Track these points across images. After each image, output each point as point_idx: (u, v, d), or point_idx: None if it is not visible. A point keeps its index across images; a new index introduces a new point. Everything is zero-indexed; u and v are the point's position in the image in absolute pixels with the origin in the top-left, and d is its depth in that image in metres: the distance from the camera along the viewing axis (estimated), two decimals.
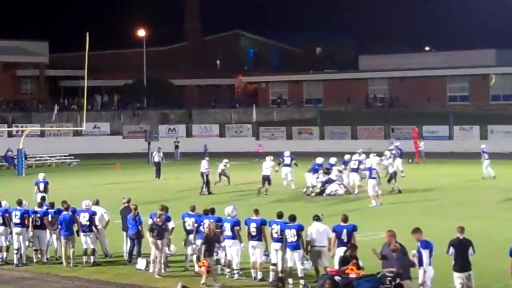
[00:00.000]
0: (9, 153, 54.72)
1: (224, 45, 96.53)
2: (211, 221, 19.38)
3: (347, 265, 16.50)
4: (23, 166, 50.00)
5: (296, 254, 18.46)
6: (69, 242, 21.31)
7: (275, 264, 18.86)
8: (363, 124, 65.94)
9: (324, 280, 14.85)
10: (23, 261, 21.66)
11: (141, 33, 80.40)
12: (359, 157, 37.27)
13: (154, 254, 19.86)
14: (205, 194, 36.48)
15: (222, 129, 69.76)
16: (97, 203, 22.71)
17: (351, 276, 16.13)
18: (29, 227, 21.73)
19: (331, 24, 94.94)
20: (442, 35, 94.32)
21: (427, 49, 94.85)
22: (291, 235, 18.48)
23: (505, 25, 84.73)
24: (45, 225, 21.84)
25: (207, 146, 56.68)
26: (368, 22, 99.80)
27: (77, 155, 58.95)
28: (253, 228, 19.12)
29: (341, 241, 18.02)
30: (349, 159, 37.27)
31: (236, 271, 19.41)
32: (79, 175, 48.30)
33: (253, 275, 19.22)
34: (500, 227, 26.07)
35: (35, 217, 21.81)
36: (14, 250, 21.70)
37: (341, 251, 17.63)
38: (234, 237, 19.33)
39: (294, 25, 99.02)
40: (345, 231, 18.09)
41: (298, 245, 18.47)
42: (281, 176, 37.72)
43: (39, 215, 21.86)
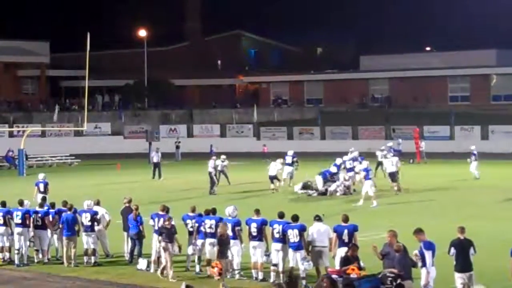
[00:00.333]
0: (10, 153, 54.72)
1: (225, 45, 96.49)
2: (224, 223, 19.23)
3: (348, 265, 16.52)
4: (24, 166, 50.04)
5: (298, 254, 18.45)
6: (71, 242, 21.32)
7: (276, 264, 18.86)
8: (364, 124, 65.95)
9: (322, 278, 14.81)
10: (24, 261, 21.68)
11: (142, 33, 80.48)
12: (351, 155, 37.39)
13: (163, 257, 19.65)
14: (215, 193, 36.39)
15: (223, 129, 69.78)
16: (98, 203, 22.73)
17: (352, 276, 16.14)
18: (30, 227, 21.76)
19: (332, 24, 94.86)
20: (443, 35, 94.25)
21: (428, 49, 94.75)
22: (293, 235, 18.48)
23: (506, 25, 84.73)
24: (46, 225, 21.86)
25: (213, 146, 56.44)
26: (369, 22, 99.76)
27: (78, 155, 58.98)
28: (254, 228, 19.13)
29: (342, 241, 18.02)
30: (343, 161, 37.23)
31: (237, 272, 19.42)
32: (80, 175, 48.30)
33: (254, 275, 19.23)
34: (501, 227, 26.06)
35: (36, 217, 21.83)
36: (15, 250, 21.71)
37: (342, 251, 17.65)
38: (235, 238, 19.32)
39: (295, 25, 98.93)
40: (346, 231, 18.09)
41: (300, 245, 18.46)
42: (283, 175, 37.97)
43: (40, 215, 21.88)
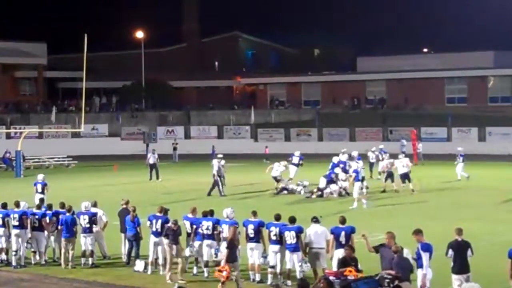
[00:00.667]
0: (7, 155, 54.65)
1: (222, 47, 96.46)
2: (234, 226, 19.05)
3: (345, 267, 16.51)
4: (21, 167, 50.00)
5: (295, 256, 18.45)
6: (69, 244, 21.30)
7: (273, 266, 18.85)
8: (361, 126, 65.95)
9: (319, 279, 14.81)
10: (21, 262, 21.65)
11: (140, 34, 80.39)
12: (342, 156, 37.46)
13: (169, 259, 19.52)
14: (226, 195, 36.25)
15: (220, 131, 69.73)
16: (95, 204, 22.71)
17: (349, 277, 16.13)
18: (28, 229, 21.74)
19: (329, 25, 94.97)
20: (440, 37, 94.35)
21: (425, 50, 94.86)
22: (290, 237, 18.48)
23: (503, 27, 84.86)
24: (43, 227, 21.83)
25: (215, 147, 56.06)
26: (366, 24, 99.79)
27: (75, 156, 58.92)
28: (251, 230, 19.13)
29: (339, 243, 18.01)
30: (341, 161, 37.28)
31: (234, 273, 19.36)
32: (77, 177, 48.26)
33: (251, 277, 19.22)
34: (498, 228, 26.08)
35: (33, 218, 21.80)
36: (12, 251, 21.70)
37: (339, 253, 17.65)
38: None
39: (292, 27, 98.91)
40: (343, 233, 18.09)
41: (297, 247, 18.46)
42: (289, 174, 38.39)
43: (37, 217, 21.85)
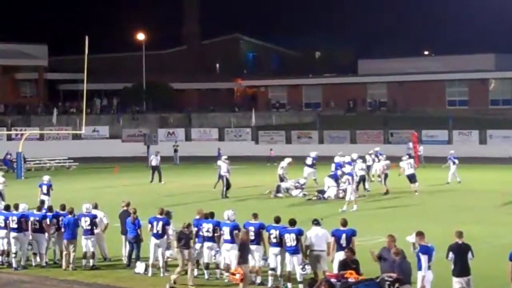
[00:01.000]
0: (8, 157, 54.67)
1: (223, 49, 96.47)
2: (247, 229, 19.00)
3: (346, 269, 16.51)
4: (22, 169, 50.03)
5: (295, 258, 18.44)
6: (71, 245, 21.30)
7: (273, 268, 18.85)
8: (362, 128, 65.95)
9: (320, 282, 14.80)
10: (22, 262, 21.65)
11: (141, 36, 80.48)
12: (340, 159, 37.54)
13: (181, 264, 19.29)
14: (228, 196, 36.33)
15: (221, 133, 69.73)
16: (95, 206, 22.72)
17: (350, 280, 16.13)
18: (28, 231, 21.74)
19: (330, 28, 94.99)
20: (441, 39, 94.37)
21: (426, 53, 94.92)
22: (290, 240, 18.47)
23: (504, 30, 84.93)
24: (44, 228, 21.83)
25: (220, 149, 55.55)
26: (367, 26, 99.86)
27: (76, 158, 58.93)
28: (251, 232, 19.10)
29: (340, 245, 17.98)
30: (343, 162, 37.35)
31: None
32: (78, 179, 48.26)
33: (252, 279, 19.20)
34: (499, 231, 26.06)
35: (33, 220, 21.80)
36: (12, 254, 21.71)
37: (340, 256, 17.62)
38: (232, 241, 19.30)
39: (293, 29, 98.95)
40: (344, 236, 18.06)
41: (297, 250, 18.45)
42: (303, 174, 39.01)
43: (37, 219, 21.85)
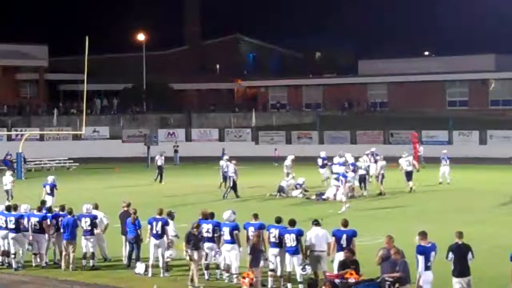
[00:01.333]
0: (8, 157, 54.57)
1: (223, 50, 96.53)
2: (258, 230, 18.83)
3: (346, 270, 16.51)
4: (23, 170, 50.02)
5: (295, 259, 18.44)
6: (70, 246, 21.30)
7: (273, 269, 18.83)
8: (362, 128, 65.94)
9: (323, 283, 14.84)
10: (21, 261, 21.67)
11: (141, 37, 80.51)
12: (340, 159, 37.57)
13: (192, 267, 19.15)
14: (227, 197, 36.18)
15: (221, 134, 69.69)
16: (96, 207, 22.72)
17: (350, 280, 16.13)
18: (28, 231, 21.75)
19: (330, 28, 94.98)
20: (441, 40, 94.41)
21: (426, 54, 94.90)
22: (290, 240, 18.46)
23: (504, 30, 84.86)
24: (44, 229, 21.83)
25: (225, 150, 55.30)
26: (367, 27, 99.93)
27: (76, 159, 58.89)
28: (251, 232, 19.09)
29: (340, 245, 17.97)
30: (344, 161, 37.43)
31: (235, 276, 19.38)
32: (78, 179, 48.24)
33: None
34: (499, 232, 26.05)
35: (34, 221, 21.80)
36: (11, 254, 21.71)
37: (340, 256, 17.61)
38: (233, 242, 19.31)
39: (293, 30, 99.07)
40: (344, 236, 18.04)
41: (297, 250, 18.45)
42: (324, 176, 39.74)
43: (38, 219, 21.85)
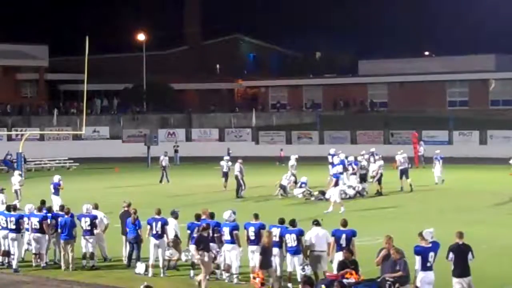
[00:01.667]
0: (9, 157, 54.64)
1: (223, 50, 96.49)
2: (268, 231, 18.72)
3: (345, 270, 16.52)
4: (23, 169, 49.94)
5: (296, 259, 18.45)
6: (68, 246, 21.30)
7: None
8: (362, 128, 65.95)
9: (335, 285, 14.82)
10: (20, 257, 21.69)
11: (141, 37, 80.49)
12: (335, 159, 37.67)
13: (203, 271, 18.70)
14: (243, 196, 36.36)
15: (221, 134, 69.70)
16: (96, 207, 22.73)
17: (350, 280, 16.13)
18: (29, 231, 21.75)
19: (330, 29, 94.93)
20: (441, 40, 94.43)
21: (426, 54, 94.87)
22: (291, 240, 18.47)
23: (504, 31, 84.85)
24: (44, 229, 21.82)
25: (230, 149, 55.17)
26: (368, 27, 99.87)
27: (76, 159, 58.89)
28: (252, 232, 19.12)
29: (339, 246, 17.99)
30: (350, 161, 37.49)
31: (235, 276, 19.40)
32: (79, 179, 48.20)
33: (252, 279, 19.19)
34: (499, 232, 26.06)
35: (34, 221, 21.80)
36: (11, 255, 21.71)
37: (340, 256, 17.63)
38: (233, 242, 19.32)
39: (294, 30, 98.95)
40: (344, 236, 18.06)
41: (298, 250, 18.46)
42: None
43: (38, 219, 21.85)
